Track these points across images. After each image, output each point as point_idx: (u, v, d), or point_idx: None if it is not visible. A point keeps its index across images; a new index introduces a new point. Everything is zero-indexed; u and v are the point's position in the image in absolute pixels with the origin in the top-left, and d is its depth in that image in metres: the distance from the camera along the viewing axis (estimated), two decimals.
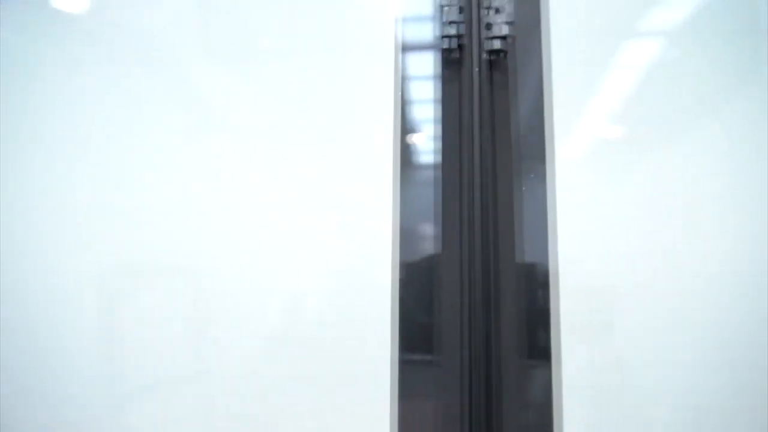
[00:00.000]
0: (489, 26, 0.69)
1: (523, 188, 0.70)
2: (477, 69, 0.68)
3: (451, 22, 0.69)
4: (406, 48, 0.73)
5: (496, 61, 0.71)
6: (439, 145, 0.72)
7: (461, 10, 0.69)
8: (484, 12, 0.70)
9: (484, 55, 0.70)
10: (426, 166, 0.73)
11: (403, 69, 0.73)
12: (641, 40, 0.72)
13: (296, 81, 0.75)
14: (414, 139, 0.73)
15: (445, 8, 0.69)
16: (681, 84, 0.70)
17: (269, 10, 0.77)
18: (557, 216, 0.68)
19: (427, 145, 0.73)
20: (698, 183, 0.69)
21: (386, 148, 0.71)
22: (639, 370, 0.69)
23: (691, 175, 0.69)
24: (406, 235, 0.72)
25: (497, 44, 0.69)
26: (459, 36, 0.70)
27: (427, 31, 0.72)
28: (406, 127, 0.73)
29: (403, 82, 0.72)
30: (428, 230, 0.72)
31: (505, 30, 0.69)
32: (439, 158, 0.72)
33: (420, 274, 0.72)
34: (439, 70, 0.71)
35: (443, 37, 0.70)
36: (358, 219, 0.72)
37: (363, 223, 0.72)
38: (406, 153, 0.72)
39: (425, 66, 0.73)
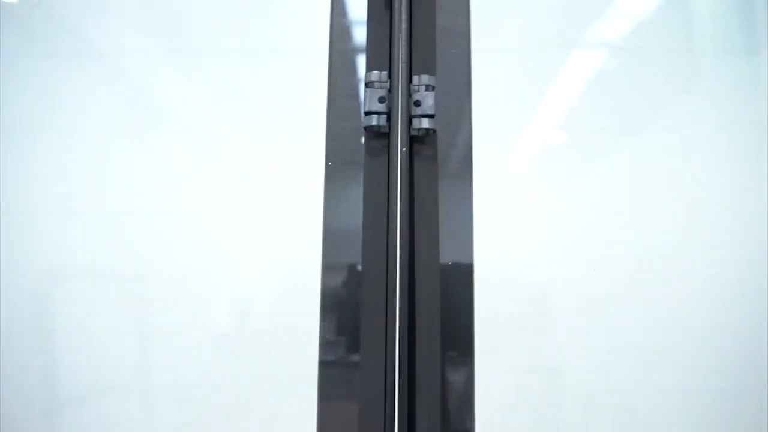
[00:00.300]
0: (417, 103, 0.69)
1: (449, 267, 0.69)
2: (405, 148, 0.67)
3: (381, 99, 0.69)
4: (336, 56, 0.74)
5: (423, 138, 0.71)
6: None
7: (389, 92, 0.69)
8: (414, 88, 0.70)
9: (411, 133, 0.70)
10: (353, 169, 0.73)
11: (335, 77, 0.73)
12: (570, 93, 0.76)
13: (240, 82, 0.76)
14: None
15: (374, 85, 0.69)
16: (608, 108, 0.78)
17: (215, 6, 0.77)
18: (479, 221, 0.71)
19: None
20: (624, 192, 0.76)
21: (318, 156, 0.72)
22: (561, 373, 0.72)
23: (618, 186, 0.76)
24: (332, 239, 0.71)
25: (425, 123, 0.69)
26: (386, 114, 0.70)
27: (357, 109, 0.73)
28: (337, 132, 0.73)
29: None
30: (354, 234, 0.72)
31: (425, 123, 0.69)
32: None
33: (345, 276, 0.72)
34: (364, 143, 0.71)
35: (369, 113, 0.69)
36: (286, 223, 0.73)
37: (290, 228, 0.73)
38: (335, 162, 0.72)
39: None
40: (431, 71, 0.71)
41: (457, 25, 0.72)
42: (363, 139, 0.71)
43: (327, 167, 0.71)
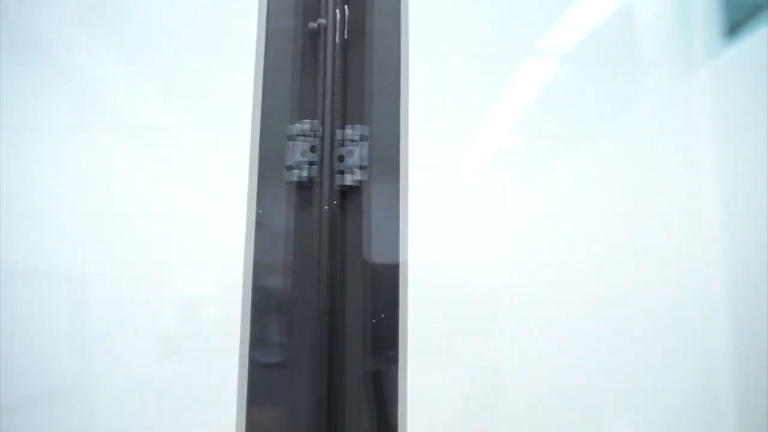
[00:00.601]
0: (342, 159, 0.67)
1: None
2: (326, 207, 0.65)
3: (303, 152, 0.67)
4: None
5: (350, 193, 0.69)
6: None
7: (313, 149, 0.67)
8: (346, 136, 0.68)
9: (345, 182, 0.68)
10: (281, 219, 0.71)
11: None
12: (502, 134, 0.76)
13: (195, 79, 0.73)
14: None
15: (298, 140, 0.67)
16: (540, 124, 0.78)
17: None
18: (408, 222, 0.70)
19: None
20: (556, 196, 0.78)
21: (243, 161, 0.70)
22: (492, 376, 0.74)
23: (551, 192, 0.77)
24: (261, 241, 0.69)
25: (350, 180, 0.67)
26: (316, 165, 0.67)
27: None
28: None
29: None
30: (282, 237, 0.70)
31: (358, 174, 0.67)
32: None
33: (273, 278, 0.70)
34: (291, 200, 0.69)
35: (294, 168, 0.67)
36: (214, 224, 0.72)
37: (219, 228, 0.72)
38: (264, 167, 0.70)
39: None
40: (363, 121, 0.69)
41: (390, 73, 0.70)
42: (291, 190, 0.69)
43: (257, 215, 0.69)
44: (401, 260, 0.70)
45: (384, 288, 0.69)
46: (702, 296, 0.81)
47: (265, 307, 0.68)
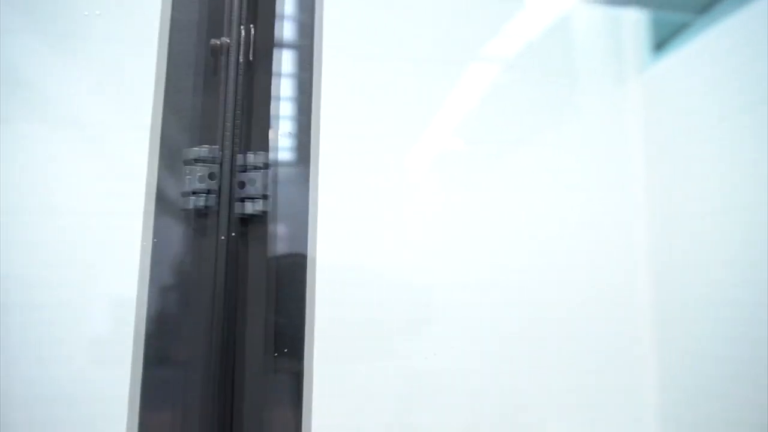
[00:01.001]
0: (243, 185, 0.65)
1: None
2: (223, 237, 0.63)
3: (201, 178, 0.64)
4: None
5: (251, 221, 0.67)
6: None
7: (212, 175, 0.63)
8: (239, 167, 0.65)
9: (245, 211, 0.65)
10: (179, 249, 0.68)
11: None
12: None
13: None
14: None
15: (196, 165, 0.64)
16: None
17: None
18: (317, 213, 0.68)
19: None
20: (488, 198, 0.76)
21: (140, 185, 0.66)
22: (404, 379, 0.74)
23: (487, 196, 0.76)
24: (159, 239, 0.66)
25: (250, 208, 0.65)
26: (214, 194, 0.65)
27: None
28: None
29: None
30: (181, 235, 0.67)
31: (259, 204, 0.65)
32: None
33: (169, 278, 0.67)
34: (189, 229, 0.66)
35: (191, 195, 0.64)
36: (108, 223, 0.66)
37: (117, 226, 0.67)
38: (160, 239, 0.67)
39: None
40: (264, 147, 0.66)
41: (300, 95, 0.68)
42: (188, 217, 0.66)
43: (153, 243, 0.66)
44: (308, 288, 0.69)
45: (289, 311, 0.68)
46: (628, 295, 0.83)
47: (160, 320, 0.66)
